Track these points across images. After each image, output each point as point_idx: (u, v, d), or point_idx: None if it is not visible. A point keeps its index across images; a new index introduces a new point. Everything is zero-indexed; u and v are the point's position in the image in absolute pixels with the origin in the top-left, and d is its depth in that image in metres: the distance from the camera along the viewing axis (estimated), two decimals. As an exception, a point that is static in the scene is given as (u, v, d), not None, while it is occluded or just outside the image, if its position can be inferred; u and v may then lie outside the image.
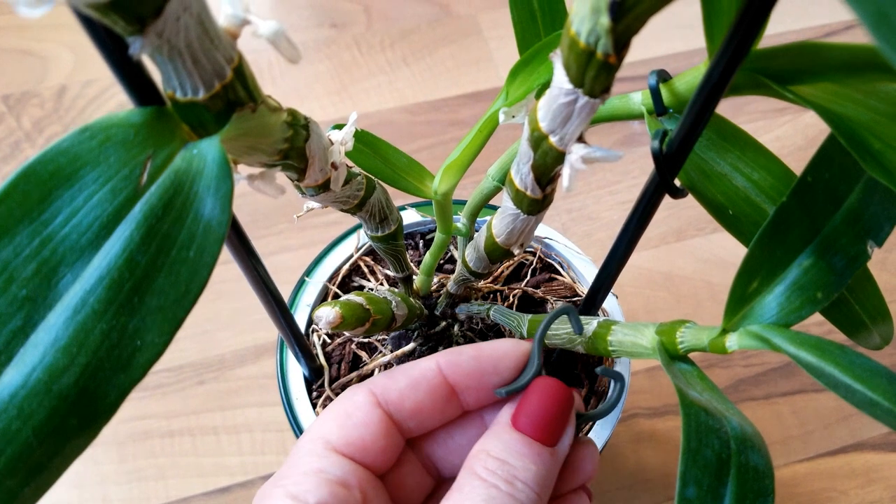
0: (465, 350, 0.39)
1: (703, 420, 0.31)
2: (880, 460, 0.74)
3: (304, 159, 0.33)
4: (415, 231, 0.61)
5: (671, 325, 0.36)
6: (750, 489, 0.30)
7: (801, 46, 0.29)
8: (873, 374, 0.26)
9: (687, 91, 0.34)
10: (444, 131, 0.92)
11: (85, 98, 0.92)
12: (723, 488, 0.29)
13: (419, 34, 1.02)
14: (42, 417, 0.23)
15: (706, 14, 0.30)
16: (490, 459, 0.35)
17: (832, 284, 0.32)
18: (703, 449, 0.30)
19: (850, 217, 0.32)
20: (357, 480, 0.36)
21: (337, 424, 0.38)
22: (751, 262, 0.32)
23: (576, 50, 0.27)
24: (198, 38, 0.24)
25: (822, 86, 0.30)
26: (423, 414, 0.39)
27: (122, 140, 0.24)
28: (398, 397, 0.38)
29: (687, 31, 0.96)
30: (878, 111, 0.29)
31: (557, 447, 0.36)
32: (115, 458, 0.70)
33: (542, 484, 0.35)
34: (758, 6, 0.23)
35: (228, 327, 0.77)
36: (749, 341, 0.32)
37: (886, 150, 0.28)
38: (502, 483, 0.34)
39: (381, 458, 0.38)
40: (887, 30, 0.14)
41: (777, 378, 0.78)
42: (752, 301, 0.32)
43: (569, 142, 0.31)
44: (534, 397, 0.37)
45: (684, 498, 0.28)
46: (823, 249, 0.32)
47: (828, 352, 0.28)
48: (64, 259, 0.23)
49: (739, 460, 0.30)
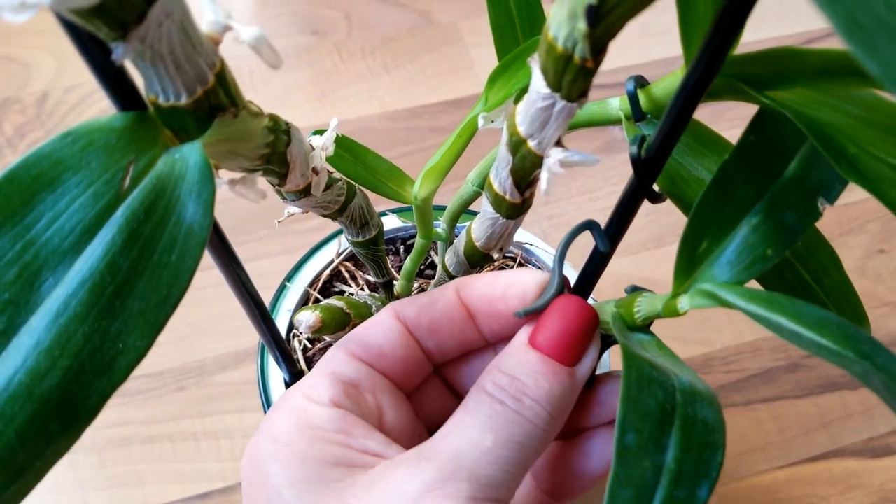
0: (482, 275, 0.39)
1: (647, 371, 0.31)
2: (860, 467, 0.74)
3: (286, 164, 0.34)
4: (395, 236, 0.61)
5: (630, 298, 0.36)
6: (696, 441, 0.29)
7: (777, 52, 0.29)
8: (822, 321, 0.26)
9: (664, 96, 0.34)
10: (424, 138, 0.92)
11: (67, 104, 0.92)
12: (666, 438, 0.29)
13: (400, 41, 1.02)
14: (24, 420, 0.23)
15: (682, 20, 0.31)
16: (500, 375, 0.34)
17: (782, 241, 0.31)
18: (644, 398, 0.29)
19: (798, 175, 0.32)
20: (371, 385, 0.37)
21: (358, 334, 0.38)
22: (696, 224, 0.32)
23: (553, 54, 0.27)
24: (180, 44, 0.24)
25: (797, 91, 0.30)
26: (441, 334, 0.38)
27: (104, 144, 0.24)
28: (415, 314, 0.38)
29: (665, 37, 0.97)
30: (853, 116, 0.29)
31: (577, 368, 0.35)
32: (94, 464, 0.70)
33: (555, 404, 0.33)
34: (734, 12, 0.23)
35: (209, 333, 0.77)
36: (700, 300, 0.31)
37: (861, 154, 0.28)
38: (509, 399, 0.33)
39: (399, 367, 0.38)
40: (860, 34, 0.14)
41: (757, 384, 0.78)
42: (701, 263, 0.32)
43: (547, 146, 0.31)
44: (553, 316, 0.35)
45: (623, 445, 0.28)
46: (772, 207, 0.31)
47: (777, 304, 0.27)
48: (46, 263, 0.23)
49: (686, 412, 0.30)
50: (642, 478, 0.28)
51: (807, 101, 0.30)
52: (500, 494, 0.31)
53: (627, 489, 0.27)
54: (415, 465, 0.32)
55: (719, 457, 0.29)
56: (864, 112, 0.29)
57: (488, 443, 0.32)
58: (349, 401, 0.36)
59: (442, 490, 0.30)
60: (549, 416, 0.33)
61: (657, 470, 0.28)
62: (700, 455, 0.29)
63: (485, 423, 0.32)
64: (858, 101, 0.30)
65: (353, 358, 0.37)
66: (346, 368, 0.37)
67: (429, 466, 0.31)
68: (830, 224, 0.89)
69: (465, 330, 0.38)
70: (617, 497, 0.27)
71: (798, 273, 0.37)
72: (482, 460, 0.31)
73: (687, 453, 0.29)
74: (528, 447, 0.32)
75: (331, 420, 0.34)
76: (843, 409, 0.77)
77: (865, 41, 0.14)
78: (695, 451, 0.29)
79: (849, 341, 0.25)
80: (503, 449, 0.32)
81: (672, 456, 0.29)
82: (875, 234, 0.88)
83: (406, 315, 0.38)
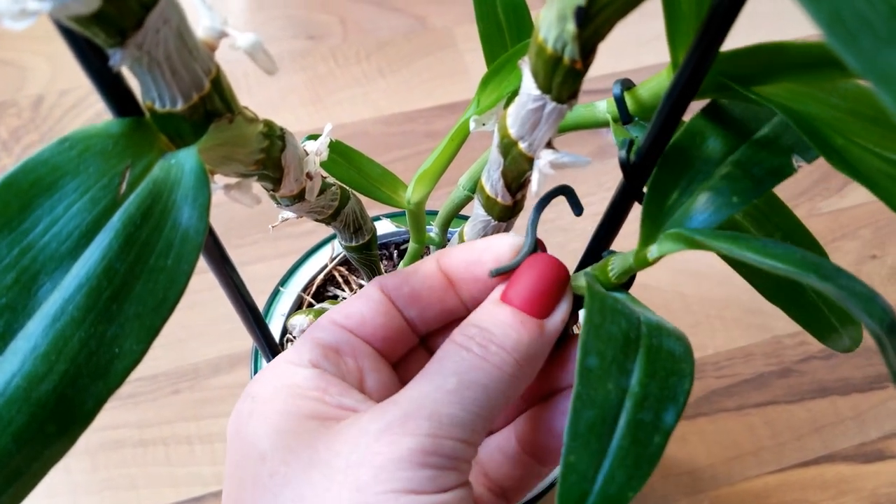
0: (461, 245, 0.39)
1: (610, 303, 0.31)
2: (852, 472, 0.74)
3: (280, 169, 0.34)
4: (389, 241, 0.62)
5: (604, 261, 0.36)
6: (662, 367, 0.29)
7: (761, 48, 0.29)
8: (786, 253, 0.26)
9: (651, 99, 0.34)
10: (419, 142, 0.93)
11: (62, 107, 0.92)
12: (630, 363, 0.29)
13: (395, 46, 1.03)
14: (21, 424, 0.23)
15: (668, 19, 0.31)
16: (470, 327, 0.34)
17: (749, 191, 0.31)
18: (607, 325, 0.30)
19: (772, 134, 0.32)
20: (351, 350, 0.37)
21: (342, 304, 0.39)
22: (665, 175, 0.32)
23: (543, 56, 0.27)
24: (177, 50, 0.24)
25: (783, 85, 0.30)
26: (422, 302, 0.39)
27: (101, 150, 0.25)
28: (397, 283, 0.38)
29: (657, 44, 0.96)
30: (838, 108, 0.30)
31: (547, 321, 0.35)
32: (87, 468, 0.70)
33: (522, 352, 0.33)
34: (721, 20, 0.24)
35: (203, 337, 0.77)
36: (670, 245, 0.31)
37: (849, 145, 0.28)
38: (476, 346, 0.33)
39: (379, 334, 0.38)
40: (842, 32, 0.14)
41: (749, 389, 0.78)
42: (671, 214, 0.32)
43: (537, 147, 0.31)
44: (523, 272, 0.35)
45: (585, 367, 0.28)
46: (744, 161, 0.32)
47: (743, 241, 0.27)
48: (44, 268, 0.24)
49: (651, 342, 0.30)
50: (605, 399, 0.28)
51: (793, 95, 0.30)
52: (463, 434, 0.31)
53: (590, 410, 0.27)
54: (380, 409, 0.32)
55: (686, 384, 0.29)
56: (849, 104, 0.30)
57: (451, 385, 0.32)
58: (328, 363, 0.36)
59: (402, 427, 0.31)
60: (516, 362, 0.33)
61: (621, 393, 0.28)
62: (666, 381, 0.29)
63: (450, 368, 0.33)
64: (843, 92, 0.30)
65: (335, 325, 0.38)
66: (326, 334, 0.37)
67: (393, 409, 0.32)
68: (823, 230, 0.89)
69: (445, 298, 0.39)
70: (581, 417, 0.27)
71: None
72: (444, 400, 0.31)
73: (652, 378, 0.29)
74: (494, 391, 0.32)
75: (308, 378, 0.35)
76: (834, 415, 0.77)
77: (848, 39, 0.14)
78: (660, 377, 0.29)
79: (812, 266, 0.26)
80: (467, 390, 0.32)
81: (636, 380, 0.29)
82: (867, 239, 0.89)
83: (388, 285, 0.39)
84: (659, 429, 0.28)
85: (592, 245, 0.36)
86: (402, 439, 0.30)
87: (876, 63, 0.14)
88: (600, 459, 0.27)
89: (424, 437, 0.30)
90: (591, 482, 0.27)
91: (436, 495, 0.30)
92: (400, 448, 0.30)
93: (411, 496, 0.30)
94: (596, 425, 0.27)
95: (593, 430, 0.27)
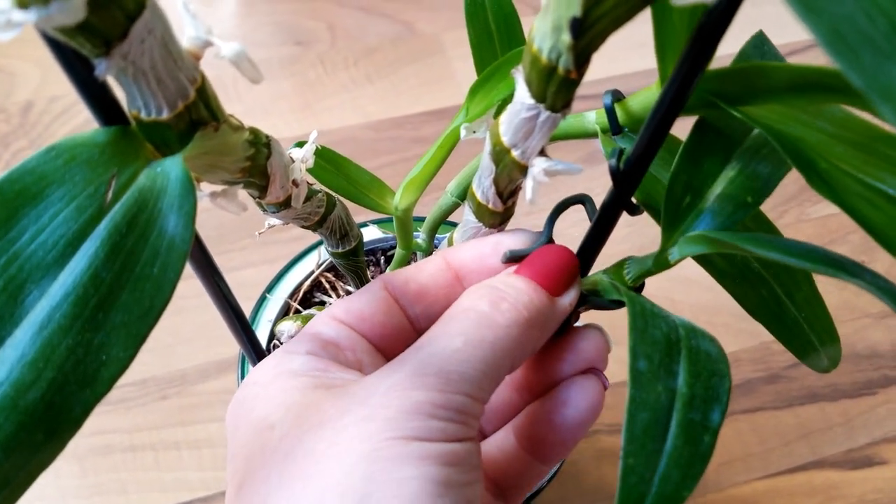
0: (468, 241, 0.40)
1: (649, 308, 0.31)
2: (840, 478, 0.74)
3: (266, 177, 0.34)
4: (376, 247, 0.62)
5: (616, 265, 0.36)
6: (704, 368, 0.30)
7: (749, 69, 0.30)
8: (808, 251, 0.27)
9: (640, 110, 0.34)
10: (407, 148, 0.93)
11: (51, 114, 0.92)
12: (675, 365, 0.30)
13: (383, 52, 1.03)
14: (9, 432, 0.23)
15: (658, 35, 0.31)
16: (481, 287, 0.35)
17: (759, 190, 0.32)
18: (650, 329, 0.30)
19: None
20: (351, 344, 0.37)
21: (343, 300, 0.39)
22: (678, 179, 0.33)
23: (538, 66, 0.27)
24: (162, 60, 0.24)
25: (770, 107, 0.30)
26: (429, 298, 0.39)
27: (87, 159, 0.25)
28: (403, 281, 0.39)
29: (647, 49, 0.96)
30: (824, 132, 0.30)
31: (558, 298, 0.36)
32: (76, 473, 0.70)
33: (534, 314, 0.34)
34: (710, 31, 0.24)
35: (191, 342, 0.77)
36: (690, 248, 0.32)
37: (832, 169, 0.28)
38: (486, 303, 0.34)
39: (379, 331, 0.38)
40: (843, 48, 0.15)
41: (737, 395, 0.78)
42: (686, 217, 0.33)
43: (531, 155, 0.32)
44: (537, 255, 0.36)
45: (636, 370, 0.29)
46: (747, 159, 0.33)
47: (764, 241, 0.28)
48: (30, 276, 0.24)
49: (690, 344, 0.31)
50: (657, 401, 0.28)
51: (779, 117, 0.30)
52: (471, 390, 0.32)
53: (644, 412, 0.28)
54: (387, 369, 0.32)
55: (727, 383, 0.30)
56: (835, 128, 0.30)
57: (458, 343, 0.32)
58: (327, 353, 0.36)
59: (410, 382, 0.31)
60: (526, 322, 0.34)
61: (670, 394, 0.29)
62: (709, 381, 0.30)
63: (456, 328, 0.33)
64: (829, 117, 0.30)
65: (335, 320, 0.38)
66: (325, 328, 0.38)
67: (400, 367, 0.32)
68: (812, 235, 0.89)
69: (451, 294, 0.38)
70: (636, 419, 0.28)
71: (772, 288, 0.38)
72: (452, 358, 0.32)
73: (697, 379, 0.30)
74: (500, 349, 0.33)
75: (307, 363, 0.35)
76: (822, 421, 0.78)
77: (849, 55, 0.15)
78: (704, 378, 0.30)
79: (838, 264, 0.26)
80: (474, 349, 0.32)
81: (683, 381, 0.29)
82: (856, 245, 0.89)
83: (393, 282, 0.39)
84: (708, 428, 0.29)
85: (582, 251, 0.37)
86: (411, 393, 0.31)
87: (877, 78, 0.15)
88: (656, 460, 0.28)
89: (433, 391, 0.31)
90: (649, 483, 0.27)
91: (444, 444, 0.30)
92: (410, 400, 0.30)
93: (420, 443, 0.30)
94: (650, 427, 0.28)
95: (648, 433, 0.28)
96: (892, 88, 0.14)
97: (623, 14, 0.25)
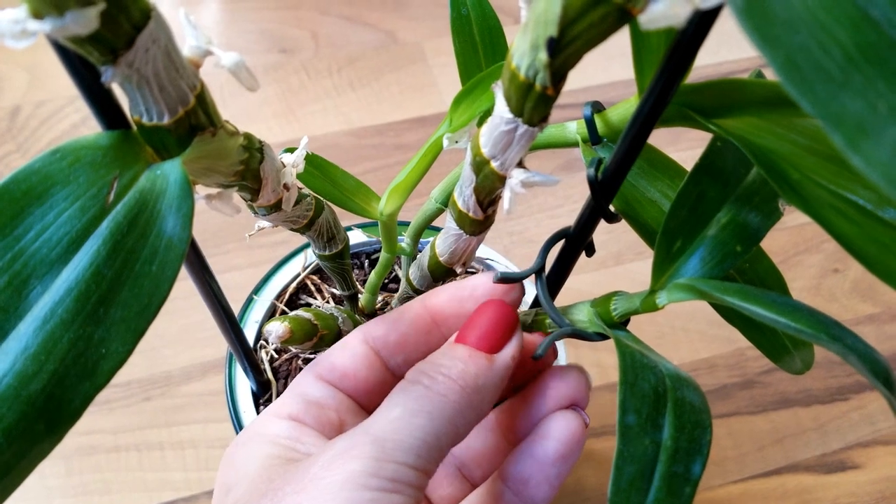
0: (446, 285, 0.41)
1: (638, 358, 0.32)
2: (813, 482, 0.75)
3: (259, 181, 0.35)
4: (361, 251, 0.63)
5: (604, 298, 0.37)
6: (688, 420, 0.31)
7: (724, 83, 0.30)
8: (794, 308, 0.28)
9: (620, 122, 0.35)
10: (389, 154, 0.93)
11: (38, 118, 0.92)
12: (661, 418, 0.30)
13: (365, 60, 1.03)
14: (11, 421, 0.24)
15: (636, 50, 0.32)
16: (423, 364, 0.36)
17: (749, 238, 0.33)
18: (639, 382, 0.31)
19: (760, 178, 0.33)
20: (335, 403, 0.39)
21: (326, 356, 0.41)
22: (671, 223, 0.33)
23: (516, 82, 0.28)
24: (164, 68, 0.25)
25: (744, 119, 0.31)
26: (409, 346, 0.40)
27: (90, 161, 0.26)
28: (383, 332, 0.40)
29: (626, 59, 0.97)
30: (796, 144, 0.31)
31: (496, 356, 0.37)
32: (61, 472, 0.70)
33: (469, 381, 0.35)
34: (685, 47, 0.25)
35: (176, 344, 0.77)
36: (678, 294, 0.32)
37: (804, 180, 0.29)
38: (425, 378, 0.35)
39: (361, 387, 0.40)
40: (797, 78, 0.15)
41: (713, 400, 0.79)
42: (676, 260, 0.34)
43: (509, 167, 0.32)
44: (476, 315, 0.38)
45: (625, 424, 0.30)
46: (738, 208, 0.33)
47: (751, 295, 0.29)
48: (35, 272, 0.24)
49: (676, 395, 0.31)
50: (643, 454, 0.29)
51: (753, 129, 0.31)
52: (407, 459, 0.32)
53: (631, 465, 0.29)
54: (331, 443, 0.33)
55: (708, 435, 0.31)
56: (807, 140, 0.31)
57: (396, 413, 0.33)
58: (309, 416, 0.38)
59: (348, 453, 0.32)
60: (461, 389, 0.34)
61: (656, 447, 0.30)
62: (692, 433, 0.31)
63: (395, 400, 0.34)
64: (801, 129, 0.31)
65: (320, 380, 0.40)
66: (311, 389, 0.40)
67: (341, 441, 0.33)
68: (786, 243, 0.90)
69: (430, 340, 0.40)
70: (623, 473, 0.29)
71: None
72: (388, 427, 0.33)
73: (681, 432, 0.31)
74: (439, 417, 0.33)
75: (284, 429, 0.37)
76: (796, 426, 0.78)
77: (802, 84, 0.15)
78: (687, 430, 0.31)
79: (821, 326, 0.27)
80: (413, 417, 0.33)
81: (668, 434, 0.30)
82: (830, 253, 0.90)
83: (374, 335, 0.41)
84: (689, 480, 0.30)
85: (559, 259, 0.38)
86: (346, 463, 0.31)
87: (828, 107, 0.15)
88: None
89: (367, 459, 0.31)
90: None
91: None
92: (344, 471, 0.31)
93: None
94: (636, 480, 0.29)
95: (634, 485, 0.29)
96: (843, 117, 0.15)
97: (596, 36, 0.25)
